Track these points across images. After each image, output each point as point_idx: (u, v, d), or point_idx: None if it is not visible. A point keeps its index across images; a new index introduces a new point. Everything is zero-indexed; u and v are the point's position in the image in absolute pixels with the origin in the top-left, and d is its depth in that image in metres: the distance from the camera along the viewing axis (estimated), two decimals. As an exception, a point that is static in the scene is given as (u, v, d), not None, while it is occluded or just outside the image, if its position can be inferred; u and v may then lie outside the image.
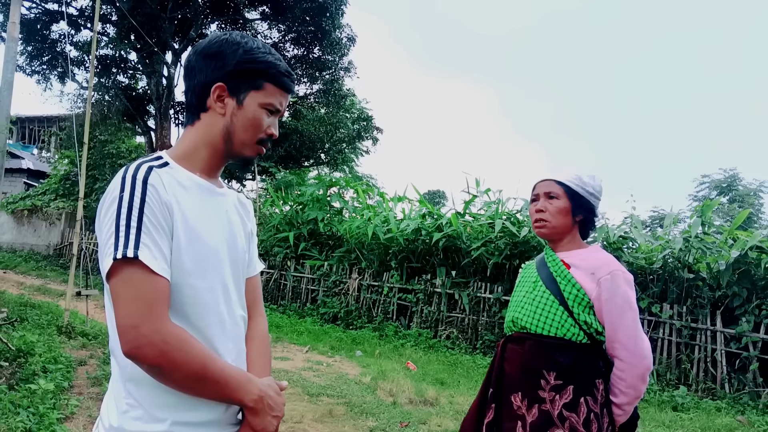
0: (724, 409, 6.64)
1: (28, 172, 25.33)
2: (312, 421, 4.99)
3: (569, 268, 2.02)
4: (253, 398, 1.22)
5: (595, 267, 1.96)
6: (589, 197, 2.05)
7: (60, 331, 6.87)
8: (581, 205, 2.05)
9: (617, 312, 1.90)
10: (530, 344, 2.02)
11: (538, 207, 2.10)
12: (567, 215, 2.05)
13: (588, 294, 1.94)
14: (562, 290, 1.99)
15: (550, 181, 2.08)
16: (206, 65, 1.30)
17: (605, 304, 1.91)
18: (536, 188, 2.14)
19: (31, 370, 4.80)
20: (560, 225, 2.06)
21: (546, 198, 2.08)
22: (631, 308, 1.91)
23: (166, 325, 1.12)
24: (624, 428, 2.01)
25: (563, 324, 1.96)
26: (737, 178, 29.33)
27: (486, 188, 11.52)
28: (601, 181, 2.10)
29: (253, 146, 1.34)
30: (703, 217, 8.53)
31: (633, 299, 1.92)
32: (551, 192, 2.07)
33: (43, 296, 11.24)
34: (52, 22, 17.81)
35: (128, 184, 1.15)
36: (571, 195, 2.05)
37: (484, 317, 9.63)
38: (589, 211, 2.07)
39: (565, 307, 1.97)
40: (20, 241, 21.00)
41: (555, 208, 2.05)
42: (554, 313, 1.98)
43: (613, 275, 1.92)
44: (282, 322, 10.62)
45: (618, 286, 1.91)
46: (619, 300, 1.90)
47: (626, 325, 1.89)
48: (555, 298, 2.00)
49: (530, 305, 2.06)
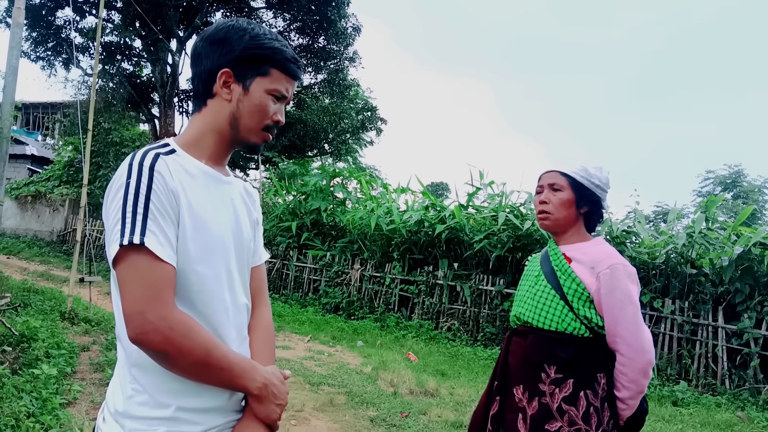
0: (724, 405, 6.65)
1: (32, 158, 25.35)
2: (313, 410, 5.01)
3: (570, 261, 2.01)
4: (257, 386, 1.22)
5: (596, 261, 1.95)
6: (594, 189, 2.03)
7: (63, 316, 6.91)
8: (586, 197, 2.03)
9: (617, 306, 1.88)
10: (532, 338, 2.02)
11: (541, 198, 2.09)
12: (570, 207, 2.03)
13: (588, 288, 1.94)
14: (561, 284, 1.99)
15: (555, 173, 2.07)
16: (213, 51, 1.30)
17: (605, 299, 1.90)
18: (541, 179, 2.13)
19: (34, 355, 4.83)
20: (563, 217, 2.04)
21: (550, 189, 2.07)
22: (632, 302, 1.88)
23: (172, 311, 1.12)
24: (631, 422, 2.00)
25: (564, 318, 1.96)
26: (742, 174, 29.19)
27: (489, 181, 11.50)
28: (608, 173, 2.08)
29: (260, 132, 1.34)
30: (707, 212, 8.50)
31: (634, 293, 1.90)
32: (555, 184, 2.05)
33: (46, 282, 11.28)
34: (57, 8, 17.72)
35: (135, 170, 1.15)
36: (576, 187, 2.03)
37: (486, 309, 9.64)
38: (594, 203, 2.05)
39: (566, 301, 1.96)
40: (24, 227, 21.06)
41: (558, 200, 2.04)
42: (555, 307, 1.98)
43: (612, 269, 1.90)
44: (284, 312, 10.66)
45: (618, 280, 1.89)
46: (619, 294, 1.88)
47: (627, 319, 1.87)
48: (556, 292, 2.00)
49: (532, 299, 2.06)
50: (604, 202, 2.08)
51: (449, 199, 12.76)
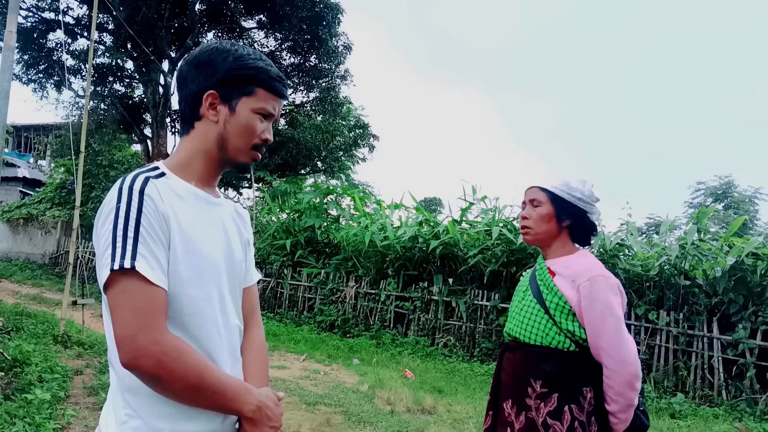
0: (721, 416, 6.63)
1: (23, 180, 25.23)
2: (309, 430, 4.97)
3: (554, 275, 2.03)
4: (251, 408, 1.22)
5: (576, 274, 1.96)
6: (576, 202, 2.04)
7: (56, 340, 6.84)
8: (566, 211, 2.05)
9: (598, 318, 1.88)
10: (521, 353, 2.05)
11: (523, 214, 2.13)
12: (550, 221, 2.06)
13: (569, 301, 1.94)
14: (544, 299, 2.01)
15: (535, 189, 2.10)
16: (198, 74, 1.31)
17: (585, 311, 1.90)
18: (524, 195, 2.16)
19: (27, 380, 4.77)
20: (543, 231, 2.07)
21: (531, 205, 2.11)
22: (612, 314, 1.87)
23: (164, 335, 1.12)
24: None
25: (548, 333, 1.97)
26: (732, 185, 29.39)
27: (482, 196, 11.54)
28: (592, 186, 2.10)
29: (248, 152, 1.34)
30: (699, 223, 8.55)
31: (615, 305, 1.89)
32: (535, 199, 2.09)
33: (38, 305, 11.19)
34: (48, 31, 17.82)
35: (125, 194, 1.16)
36: (555, 201, 2.05)
37: (482, 325, 9.62)
38: (577, 216, 2.06)
39: (549, 315, 1.98)
40: (16, 250, 20.92)
41: (537, 215, 2.07)
42: (539, 322, 2.00)
43: (592, 281, 1.90)
44: (279, 331, 10.59)
45: (598, 292, 1.89)
46: (599, 306, 1.88)
47: (608, 331, 1.86)
48: (540, 307, 2.01)
49: (519, 315, 2.09)
50: (592, 215, 2.09)
51: (443, 215, 12.79)
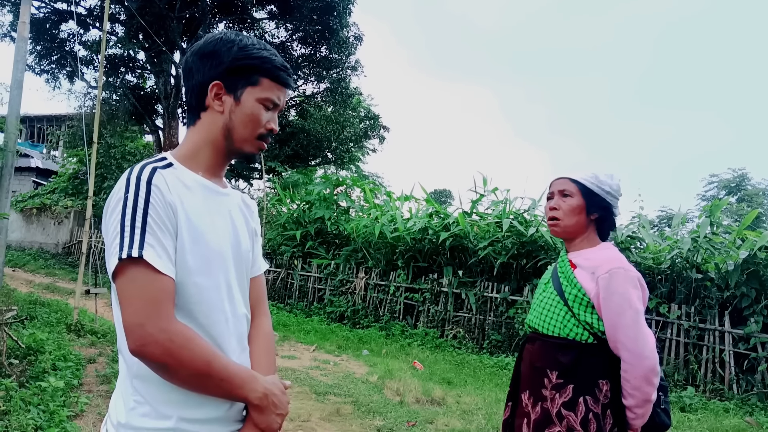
0: (732, 410, 6.60)
1: (36, 170, 25.42)
2: (319, 419, 5.00)
3: (575, 268, 2.02)
4: (257, 396, 1.23)
5: (596, 266, 1.95)
6: (605, 195, 2.03)
7: (69, 329, 6.92)
8: (596, 204, 2.04)
9: (615, 311, 1.86)
10: (539, 344, 2.05)
11: (551, 205, 2.10)
12: (580, 213, 2.04)
13: (588, 293, 1.93)
14: (563, 290, 2.00)
15: (565, 179, 2.08)
16: (203, 65, 1.32)
17: (603, 303, 1.89)
18: (552, 186, 2.14)
19: (41, 368, 4.83)
20: (573, 223, 2.05)
21: (560, 196, 2.07)
22: (631, 307, 1.85)
23: (172, 323, 1.13)
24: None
25: (566, 324, 1.96)
26: (746, 178, 29.14)
27: (493, 187, 11.49)
28: (619, 180, 2.09)
29: (254, 142, 1.35)
30: (712, 216, 8.47)
31: (634, 298, 1.87)
32: (565, 190, 2.06)
33: (52, 294, 11.31)
34: (61, 22, 17.90)
35: (132, 185, 1.17)
36: (586, 193, 2.03)
37: (491, 317, 9.62)
38: (605, 209, 2.05)
39: (568, 307, 1.97)
40: (29, 240, 21.14)
41: (568, 206, 2.04)
42: (558, 313, 1.99)
43: (611, 273, 1.89)
44: (289, 321, 10.65)
45: (617, 284, 1.87)
46: (617, 298, 1.86)
47: (625, 324, 1.84)
48: (560, 298, 2.01)
49: (539, 306, 2.09)
50: (616, 209, 2.08)
51: (453, 207, 12.74)
